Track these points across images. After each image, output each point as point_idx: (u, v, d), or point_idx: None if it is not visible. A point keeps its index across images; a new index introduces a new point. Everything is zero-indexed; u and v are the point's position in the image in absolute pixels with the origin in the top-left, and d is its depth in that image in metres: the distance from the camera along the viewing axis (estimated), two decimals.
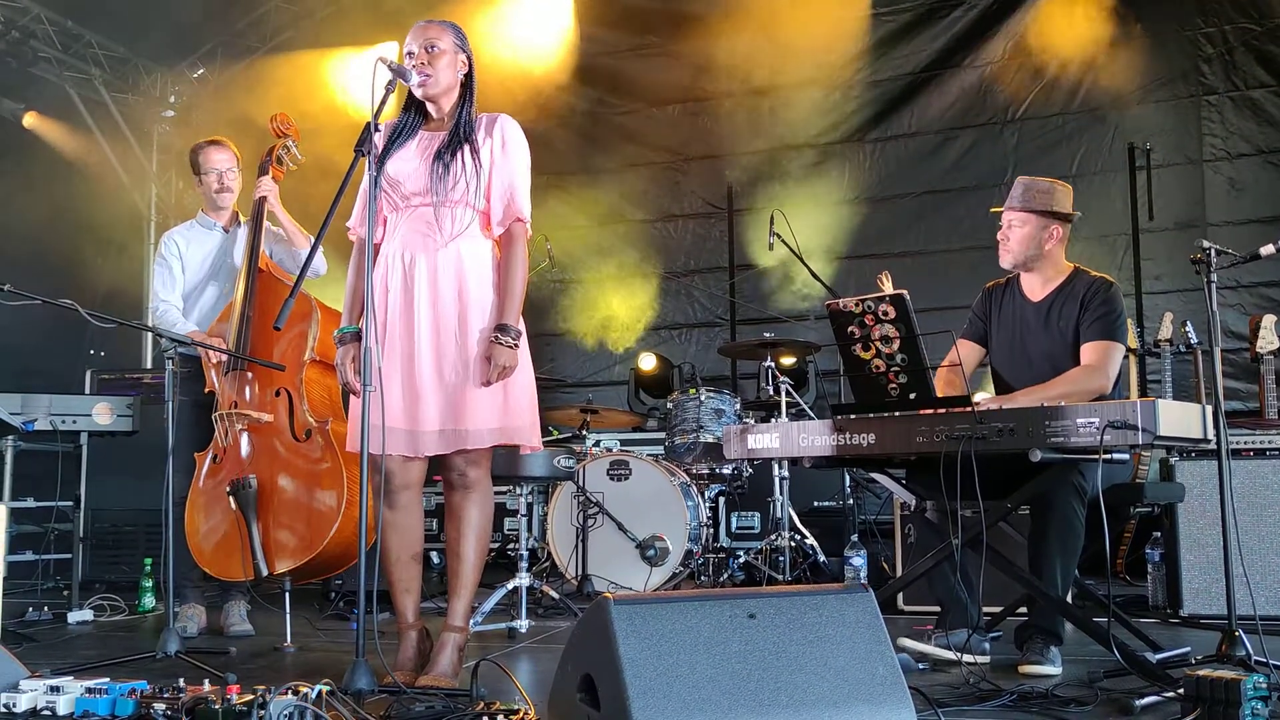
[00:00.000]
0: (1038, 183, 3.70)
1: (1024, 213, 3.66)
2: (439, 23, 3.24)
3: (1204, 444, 3.12)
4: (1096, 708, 2.75)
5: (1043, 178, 3.74)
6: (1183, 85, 7.13)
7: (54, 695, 2.47)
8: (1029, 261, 3.68)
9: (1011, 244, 3.67)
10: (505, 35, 8.02)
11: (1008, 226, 3.69)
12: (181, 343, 3.85)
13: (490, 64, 3.33)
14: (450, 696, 2.81)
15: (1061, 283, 3.67)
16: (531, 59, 8.02)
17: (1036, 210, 3.64)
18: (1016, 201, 3.68)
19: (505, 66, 7.69)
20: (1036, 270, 3.70)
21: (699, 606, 2.22)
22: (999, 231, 3.72)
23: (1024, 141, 7.40)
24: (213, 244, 4.54)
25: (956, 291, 6.44)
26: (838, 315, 3.31)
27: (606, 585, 5.13)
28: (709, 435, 5.56)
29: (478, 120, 3.25)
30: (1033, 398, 3.33)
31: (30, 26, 7.64)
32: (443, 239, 3.15)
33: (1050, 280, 3.69)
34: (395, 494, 3.16)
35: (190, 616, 4.30)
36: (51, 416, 4.97)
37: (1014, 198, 3.70)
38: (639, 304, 8.18)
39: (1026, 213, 3.65)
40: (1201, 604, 4.31)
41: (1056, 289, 3.67)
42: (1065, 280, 3.67)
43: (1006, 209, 3.70)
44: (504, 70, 7.58)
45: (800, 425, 3.50)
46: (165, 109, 8.98)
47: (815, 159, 7.84)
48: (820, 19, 7.57)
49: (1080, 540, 3.29)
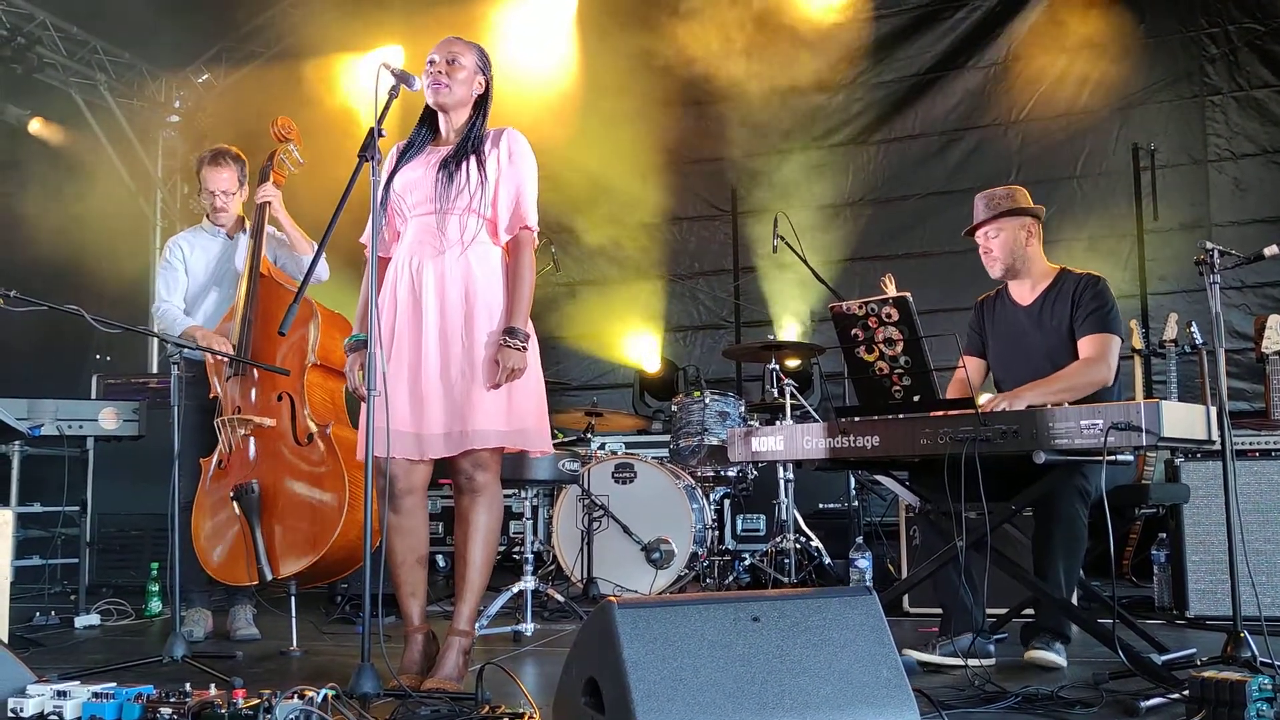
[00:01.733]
0: (995, 191, 3.77)
1: (997, 220, 3.70)
2: (466, 41, 3.31)
3: (1209, 445, 3.12)
4: (1101, 709, 2.75)
5: (998, 187, 3.81)
6: (1187, 85, 7.11)
7: (60, 700, 2.48)
8: (1016, 265, 3.71)
9: (996, 253, 3.72)
10: (508, 37, 8.05)
11: (986, 239, 3.74)
12: (186, 347, 3.85)
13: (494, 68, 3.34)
14: (455, 700, 2.82)
15: (1049, 284, 3.71)
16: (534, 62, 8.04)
17: (1006, 212, 3.69)
18: (985, 214, 3.73)
19: (507, 68, 7.69)
20: (1023, 275, 3.73)
21: (703, 610, 2.22)
22: (980, 250, 3.76)
23: (1028, 143, 7.39)
24: (216, 249, 4.56)
25: (960, 294, 6.42)
26: (841, 318, 3.31)
27: (612, 588, 5.14)
28: (714, 438, 5.56)
29: (485, 134, 3.29)
30: (1036, 392, 3.33)
31: (36, 32, 7.66)
32: (449, 246, 3.18)
33: (1038, 283, 3.73)
34: (400, 498, 3.17)
35: (196, 621, 4.31)
36: (58, 421, 4.99)
37: (981, 212, 3.76)
38: (643, 307, 8.18)
39: (999, 219, 3.70)
40: (1207, 605, 4.31)
41: (1045, 290, 3.71)
42: (1053, 281, 3.71)
43: (978, 225, 3.75)
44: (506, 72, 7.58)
45: (804, 428, 3.51)
46: (170, 114, 9.01)
47: (819, 161, 7.83)
48: (823, 21, 7.58)
49: (1084, 542, 3.29)
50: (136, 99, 8.72)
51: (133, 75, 8.63)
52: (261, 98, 8.16)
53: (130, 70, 8.58)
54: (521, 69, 7.90)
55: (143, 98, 8.76)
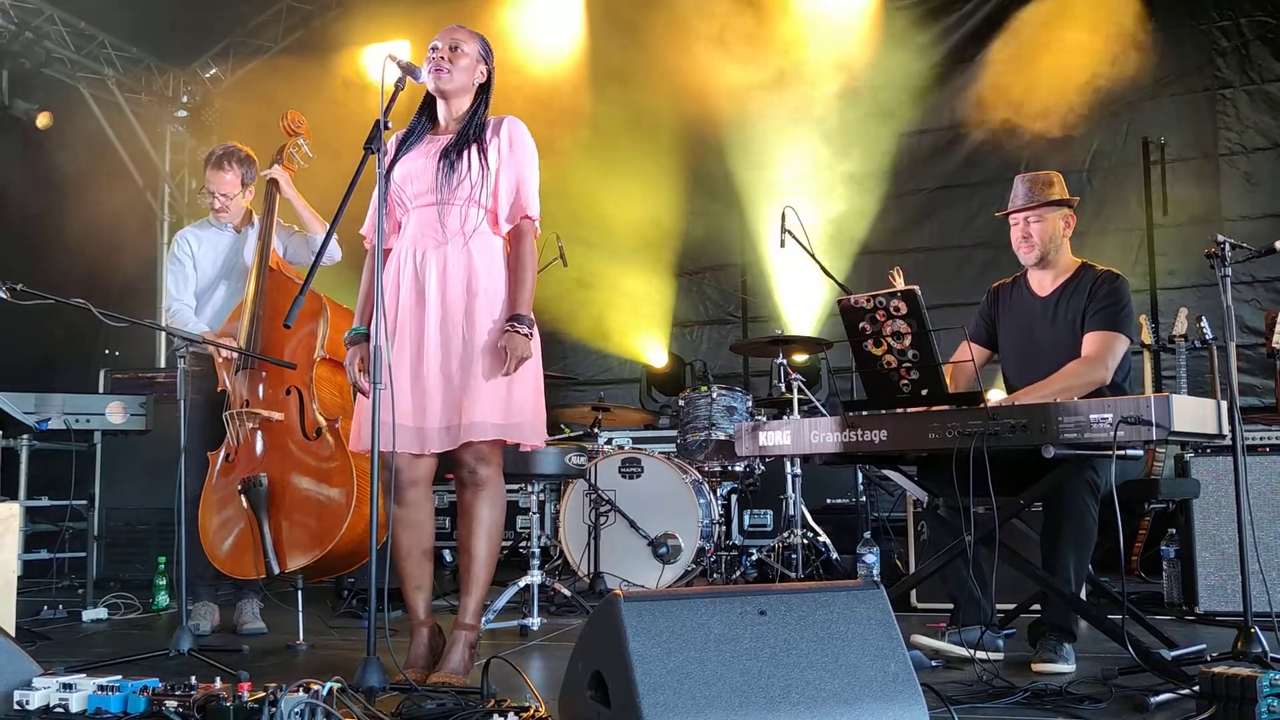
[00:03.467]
0: (1039, 176, 3.71)
1: (1040, 208, 3.65)
2: (469, 30, 3.30)
3: (1219, 440, 3.09)
4: (1111, 705, 2.73)
5: (1039, 171, 3.75)
6: (1197, 79, 7.08)
7: (67, 693, 2.48)
8: (1049, 255, 3.67)
9: (1035, 240, 3.66)
10: (517, 35, 8.03)
11: (1027, 225, 3.67)
12: (194, 341, 3.85)
13: (501, 63, 3.33)
14: (461, 694, 2.81)
15: (1069, 277, 3.67)
16: (542, 58, 8.02)
17: (1052, 202, 3.65)
18: (1029, 199, 3.68)
19: (516, 66, 7.68)
20: (1050, 265, 3.69)
21: (709, 603, 2.21)
22: (1016, 231, 3.70)
23: (1037, 136, 7.35)
24: (224, 244, 4.56)
25: (969, 288, 6.42)
26: (849, 311, 3.29)
27: (618, 583, 5.13)
28: (721, 433, 5.55)
29: (486, 123, 3.26)
30: (1032, 396, 3.31)
31: (44, 27, 7.67)
32: (450, 237, 3.17)
33: (1059, 275, 3.69)
34: (404, 490, 3.17)
35: (203, 614, 4.31)
36: (65, 415, 5.00)
37: (1022, 196, 3.70)
38: (651, 301, 8.17)
39: (1042, 207, 3.65)
40: (1217, 601, 4.29)
41: (1064, 283, 3.67)
42: (1073, 274, 3.67)
43: (1023, 209, 3.68)
44: (515, 69, 7.58)
45: (812, 422, 3.49)
46: (178, 109, 9.01)
47: (827, 155, 7.80)
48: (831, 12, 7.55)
49: (1094, 537, 3.27)
50: (144, 94, 8.72)
51: (140, 70, 8.63)
52: (269, 93, 8.15)
53: (138, 65, 8.58)
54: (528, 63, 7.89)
55: (150, 93, 8.77)
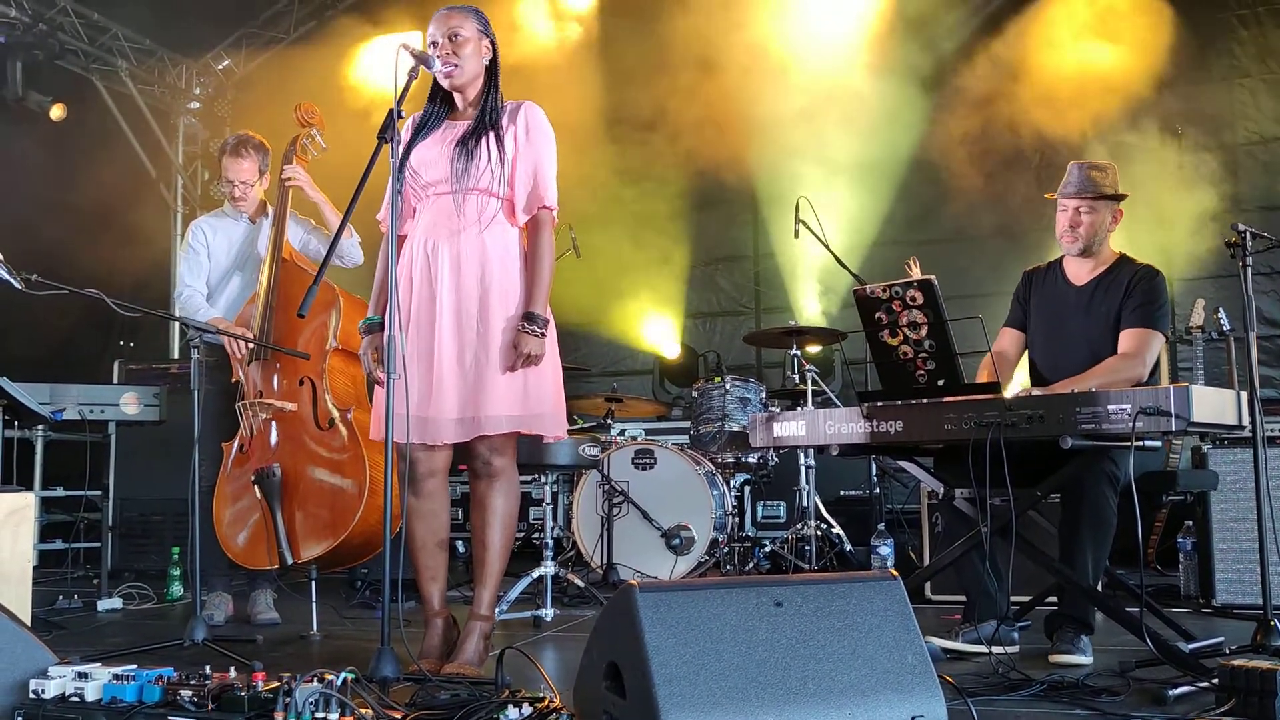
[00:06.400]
0: (1097, 165, 3.63)
1: (1094, 200, 3.58)
2: (461, 9, 3.21)
3: (1239, 431, 3.06)
4: (1128, 698, 2.71)
5: (1095, 160, 3.67)
6: (1216, 68, 7.01)
7: (82, 682, 2.48)
8: (1093, 247, 3.61)
9: (1083, 230, 3.59)
10: (526, 26, 8.01)
11: (1078, 214, 3.60)
12: (207, 331, 3.85)
13: (510, 54, 3.29)
14: (475, 685, 2.80)
15: (1107, 268, 3.62)
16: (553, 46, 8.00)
17: (1106, 195, 3.58)
18: (1084, 188, 3.59)
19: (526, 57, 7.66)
20: (1089, 255, 3.63)
21: (725, 594, 2.20)
22: (1063, 218, 3.62)
23: (1053, 126, 7.29)
24: (239, 234, 4.55)
25: (985, 278, 6.38)
26: (865, 301, 3.27)
27: (632, 574, 5.12)
28: (734, 424, 5.53)
29: (503, 107, 3.22)
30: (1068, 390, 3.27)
31: (57, 19, 7.69)
32: (465, 227, 3.13)
33: (1098, 265, 3.63)
34: (420, 481, 3.16)
35: (217, 605, 4.32)
36: (80, 406, 5.01)
37: (1076, 183, 3.61)
38: (664, 293, 8.15)
39: (1096, 199, 3.58)
40: (1234, 594, 4.26)
41: (1102, 274, 3.61)
42: (1111, 266, 3.62)
43: (1076, 197, 3.61)
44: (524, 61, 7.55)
45: (826, 413, 3.47)
46: (191, 100, 9.04)
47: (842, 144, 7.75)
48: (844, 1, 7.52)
49: (1112, 529, 3.24)
50: (157, 85, 8.74)
51: (154, 62, 8.65)
52: (282, 84, 8.15)
53: (151, 57, 8.60)
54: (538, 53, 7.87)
55: (164, 84, 8.79)
